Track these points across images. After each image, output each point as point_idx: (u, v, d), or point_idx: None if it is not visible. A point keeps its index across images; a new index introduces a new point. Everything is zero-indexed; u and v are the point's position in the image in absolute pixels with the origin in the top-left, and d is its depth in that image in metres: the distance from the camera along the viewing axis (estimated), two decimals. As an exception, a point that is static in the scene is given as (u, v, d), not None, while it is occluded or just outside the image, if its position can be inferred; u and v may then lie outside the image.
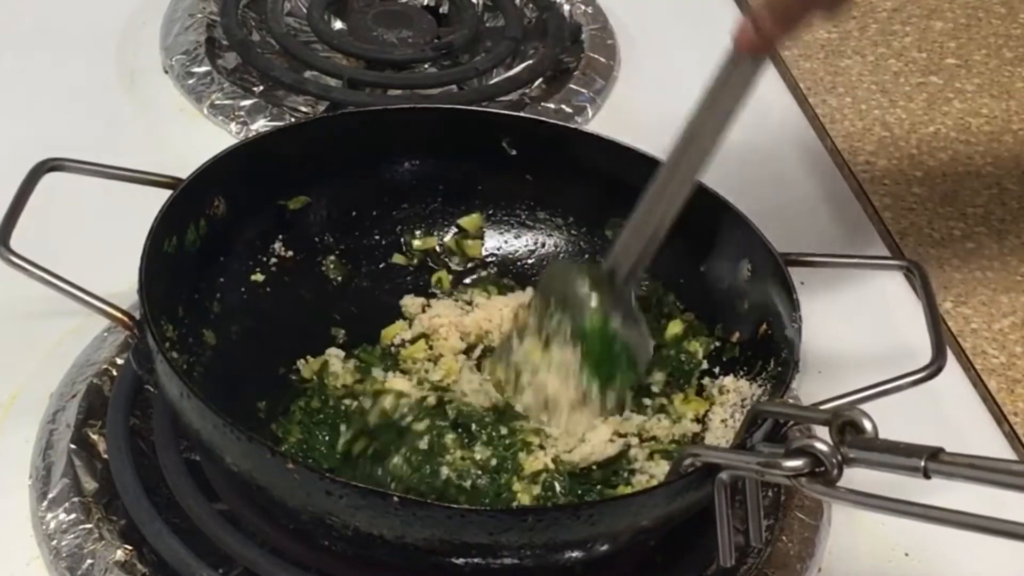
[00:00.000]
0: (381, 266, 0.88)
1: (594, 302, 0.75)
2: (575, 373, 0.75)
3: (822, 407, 0.67)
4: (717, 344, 0.81)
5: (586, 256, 0.88)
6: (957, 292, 0.98)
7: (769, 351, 0.76)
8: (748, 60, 0.68)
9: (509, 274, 0.89)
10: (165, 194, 0.75)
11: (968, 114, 1.17)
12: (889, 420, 0.59)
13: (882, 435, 0.56)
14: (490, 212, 0.90)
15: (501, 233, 0.90)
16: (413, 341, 0.83)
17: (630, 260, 0.76)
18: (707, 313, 0.82)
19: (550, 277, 0.80)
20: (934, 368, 0.72)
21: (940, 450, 0.51)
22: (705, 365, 0.81)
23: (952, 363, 0.74)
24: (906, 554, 0.79)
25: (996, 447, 0.87)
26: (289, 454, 0.72)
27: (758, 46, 0.67)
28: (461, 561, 0.62)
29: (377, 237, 0.88)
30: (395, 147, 0.87)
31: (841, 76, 1.21)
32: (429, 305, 0.86)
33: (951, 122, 1.16)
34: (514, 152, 0.87)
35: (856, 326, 0.94)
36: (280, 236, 0.85)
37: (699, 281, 0.83)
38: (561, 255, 0.89)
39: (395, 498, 0.60)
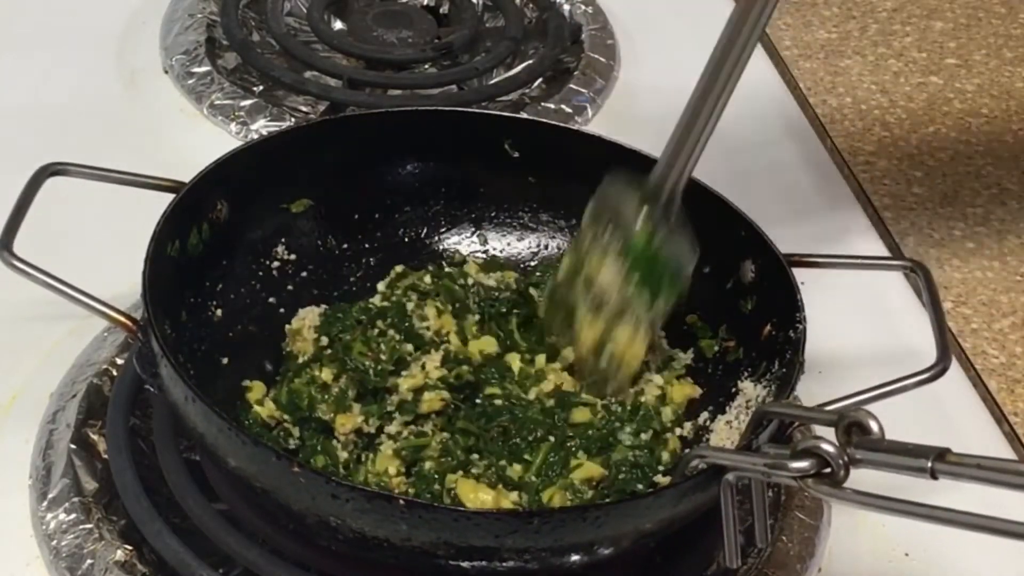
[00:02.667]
0: (384, 268, 0.88)
1: (641, 218, 0.76)
2: (624, 285, 0.76)
3: (827, 408, 0.67)
4: (721, 345, 0.81)
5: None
6: (957, 292, 0.98)
7: (773, 352, 0.76)
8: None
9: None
10: (167, 197, 0.75)
11: (968, 114, 1.17)
12: (889, 420, 0.58)
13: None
14: (492, 214, 0.90)
15: (504, 235, 0.90)
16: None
17: (675, 173, 0.76)
18: (711, 314, 0.82)
19: (601, 196, 0.80)
20: (939, 368, 0.72)
21: (947, 451, 0.51)
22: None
23: (952, 363, 0.74)
24: (906, 554, 0.79)
25: (996, 447, 0.87)
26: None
27: None
28: (467, 564, 0.62)
29: (380, 239, 0.88)
30: (397, 149, 0.87)
31: (841, 76, 1.21)
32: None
33: (951, 122, 1.16)
34: (516, 154, 0.87)
35: (857, 327, 0.94)
36: (283, 239, 0.85)
37: (703, 282, 0.82)
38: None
39: (401, 501, 0.60)
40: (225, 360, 0.78)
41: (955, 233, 1.03)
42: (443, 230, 0.90)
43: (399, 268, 0.86)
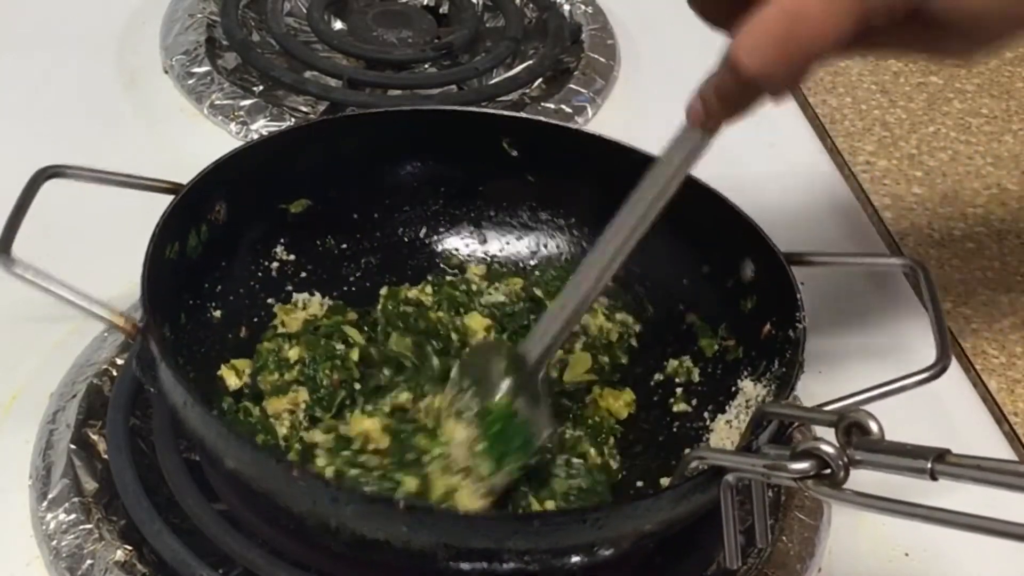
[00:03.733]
0: (384, 269, 0.88)
1: (504, 383, 0.73)
2: (470, 445, 0.72)
3: (827, 408, 0.67)
4: (721, 345, 0.81)
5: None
6: (957, 292, 0.98)
7: (773, 351, 0.75)
8: (699, 132, 0.68)
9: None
10: (166, 198, 0.75)
11: (968, 114, 1.17)
12: (889, 420, 0.58)
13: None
14: (491, 214, 0.90)
15: (503, 234, 0.90)
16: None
17: (542, 346, 0.73)
18: (711, 314, 0.82)
19: (472, 354, 0.79)
20: (939, 368, 0.72)
21: (947, 451, 0.51)
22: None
23: (952, 363, 0.74)
24: (906, 554, 0.79)
25: (996, 447, 0.87)
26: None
27: (707, 124, 0.67)
28: (467, 566, 0.62)
29: (379, 239, 0.88)
30: (396, 149, 0.87)
31: (841, 76, 1.21)
32: None
33: (951, 122, 1.16)
34: (515, 153, 0.87)
35: (856, 326, 0.94)
36: (282, 240, 0.84)
37: (702, 282, 0.82)
38: (564, 256, 0.89)
39: (401, 504, 0.60)
40: (224, 360, 0.78)
41: (955, 233, 1.03)
42: (442, 229, 0.90)
43: (384, 291, 0.85)
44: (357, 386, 0.78)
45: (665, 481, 0.74)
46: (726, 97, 0.65)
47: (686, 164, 0.69)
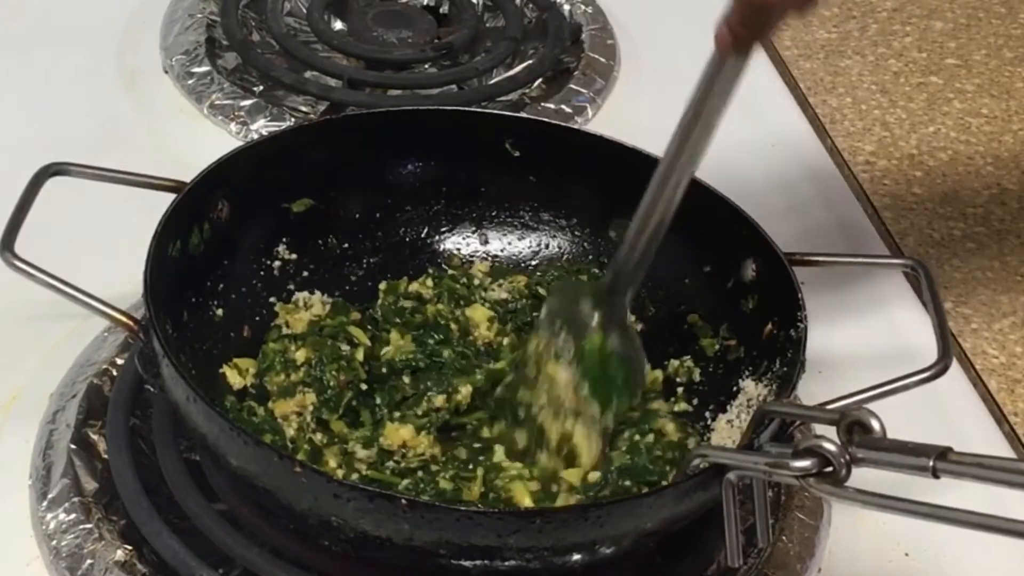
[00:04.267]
0: (385, 268, 0.88)
1: (594, 321, 0.75)
2: (576, 392, 0.75)
3: (829, 407, 0.67)
4: (722, 344, 0.81)
5: (590, 258, 0.88)
6: (957, 292, 0.98)
7: (774, 351, 0.76)
8: (731, 59, 0.69)
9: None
10: (168, 197, 0.75)
11: (968, 114, 1.17)
12: (889, 420, 0.58)
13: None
14: (493, 214, 0.90)
15: (505, 235, 0.90)
16: None
17: (625, 279, 0.76)
18: (712, 314, 0.82)
19: (554, 297, 0.80)
20: (940, 367, 0.72)
21: (949, 449, 0.51)
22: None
23: (952, 363, 0.74)
24: (906, 554, 0.79)
25: (996, 447, 0.87)
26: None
27: (735, 47, 0.69)
28: (468, 563, 0.62)
29: (381, 239, 0.88)
30: (398, 149, 0.87)
31: (841, 76, 1.21)
32: None
33: (951, 122, 1.16)
34: (517, 153, 0.87)
35: (856, 326, 0.94)
36: (284, 239, 0.85)
37: (704, 282, 0.82)
38: (565, 256, 0.89)
39: (403, 500, 0.60)
40: (226, 360, 0.78)
41: (955, 233, 1.03)
42: (444, 229, 0.90)
43: (383, 285, 0.85)
44: (363, 387, 0.78)
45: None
46: (745, 21, 0.67)
47: (724, 92, 0.70)
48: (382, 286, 0.85)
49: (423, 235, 0.89)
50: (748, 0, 0.67)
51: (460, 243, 0.90)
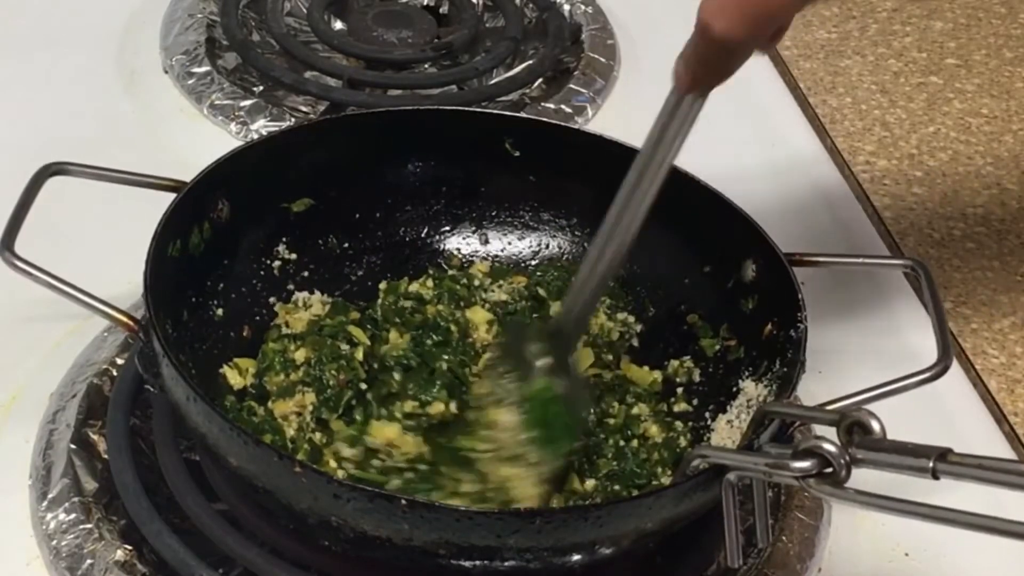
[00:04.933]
0: (385, 268, 0.88)
1: (539, 364, 0.74)
2: (516, 434, 0.73)
3: (829, 408, 0.67)
4: (722, 345, 0.81)
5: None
6: (957, 292, 0.98)
7: (774, 351, 0.76)
8: (688, 98, 0.69)
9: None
10: (168, 196, 0.75)
11: (968, 114, 1.17)
12: (889, 420, 0.58)
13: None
14: (493, 213, 0.90)
15: (505, 234, 0.90)
16: None
17: (574, 320, 0.75)
18: (712, 314, 0.82)
19: (501, 339, 0.80)
20: (940, 368, 0.72)
21: (949, 451, 0.51)
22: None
23: (952, 364, 0.74)
24: (906, 554, 0.79)
25: (996, 447, 0.87)
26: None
27: (692, 88, 0.68)
28: (468, 564, 0.62)
29: (381, 239, 0.88)
30: (398, 149, 0.87)
31: (841, 76, 1.21)
32: None
33: (951, 122, 1.16)
34: (517, 153, 0.87)
35: (857, 326, 0.94)
36: (284, 239, 0.85)
37: (704, 282, 0.82)
38: (565, 256, 0.89)
39: (403, 500, 0.60)
40: (225, 359, 0.78)
41: (955, 233, 1.04)
42: (444, 229, 0.90)
43: (383, 285, 0.85)
44: (363, 386, 0.78)
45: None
46: (705, 61, 0.66)
47: (682, 131, 0.70)
48: (382, 286, 0.86)
49: (423, 235, 0.89)
50: (710, 40, 0.64)
51: (460, 243, 0.90)
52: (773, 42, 0.68)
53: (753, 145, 1.11)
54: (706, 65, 0.66)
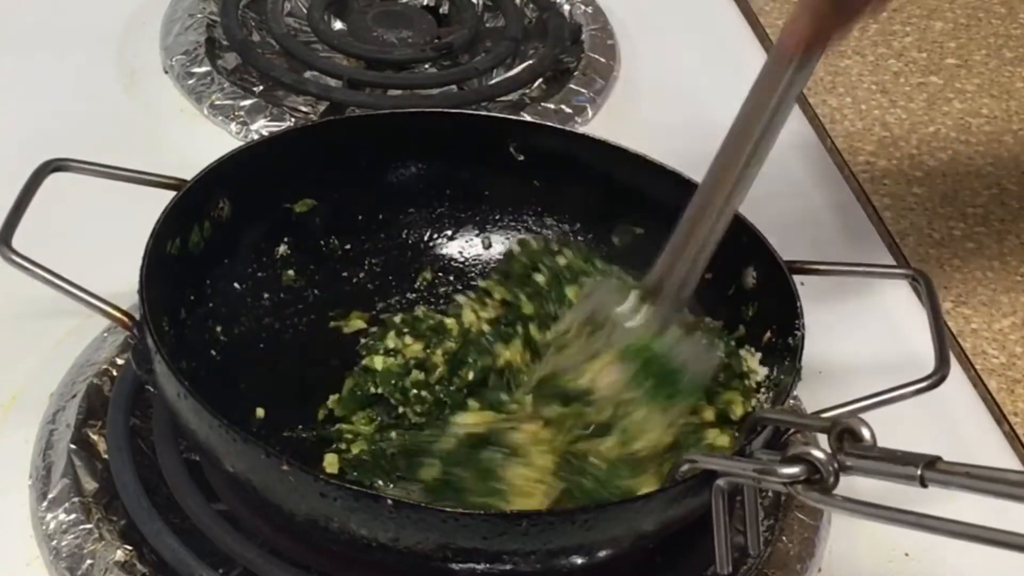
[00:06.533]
0: (387, 271, 0.88)
1: (641, 317, 0.73)
2: (630, 389, 0.72)
3: (824, 415, 0.67)
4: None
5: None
6: (957, 292, 0.98)
7: (773, 358, 0.76)
8: (793, 62, 0.67)
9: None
10: (169, 195, 0.75)
11: (968, 114, 1.17)
12: (888, 420, 0.59)
13: (881, 432, 0.56)
14: (496, 217, 0.90)
15: (508, 238, 0.90)
16: None
17: (683, 264, 0.73)
18: (712, 320, 0.82)
19: (590, 294, 0.77)
20: (937, 378, 0.72)
21: (937, 459, 0.51)
22: None
23: (952, 363, 0.74)
24: (906, 555, 0.79)
25: (996, 447, 0.87)
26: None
27: (800, 48, 0.66)
28: (457, 566, 0.62)
29: (383, 241, 0.88)
30: (402, 151, 0.87)
31: (841, 76, 1.21)
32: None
33: (951, 122, 1.16)
34: (521, 157, 0.87)
35: (858, 331, 0.94)
36: (285, 239, 0.85)
37: (704, 288, 0.82)
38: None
39: (389, 501, 0.60)
40: (223, 359, 0.78)
41: (955, 233, 1.03)
42: (447, 232, 0.90)
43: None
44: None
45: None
46: (820, 18, 0.64)
47: (786, 101, 0.68)
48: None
49: (425, 238, 0.89)
50: None
51: (463, 246, 0.90)
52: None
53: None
54: (821, 24, 0.64)
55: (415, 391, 0.77)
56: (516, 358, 0.78)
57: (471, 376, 0.77)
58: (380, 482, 0.71)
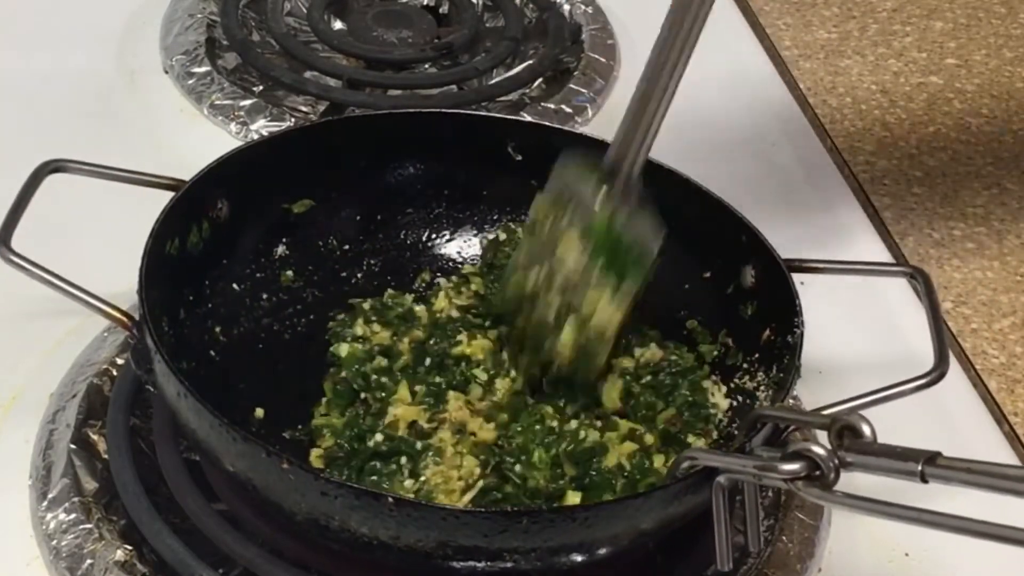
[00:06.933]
0: (385, 271, 0.88)
1: (600, 198, 0.74)
2: (588, 268, 0.74)
3: (824, 412, 0.67)
4: (721, 350, 0.81)
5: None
6: (957, 292, 0.98)
7: (772, 356, 0.76)
8: None
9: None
10: (167, 195, 0.76)
11: (968, 114, 1.17)
12: (888, 419, 0.58)
13: (881, 432, 0.56)
14: (495, 217, 0.90)
15: None
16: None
17: (632, 150, 0.74)
18: (711, 319, 0.82)
19: (557, 178, 0.78)
20: (936, 375, 0.72)
21: (937, 454, 0.51)
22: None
23: (952, 363, 0.74)
24: (906, 554, 0.79)
25: (996, 447, 0.87)
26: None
27: None
28: (458, 564, 0.62)
29: (382, 241, 0.88)
30: (400, 151, 0.87)
31: (841, 76, 1.21)
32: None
33: (951, 122, 1.16)
34: (519, 157, 0.87)
35: (858, 329, 0.94)
36: (284, 239, 0.85)
37: (703, 287, 0.82)
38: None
39: (390, 499, 0.60)
40: (223, 359, 0.78)
41: (955, 233, 1.04)
42: (445, 233, 0.90)
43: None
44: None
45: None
46: None
47: None
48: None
49: (424, 238, 0.89)
50: None
51: (461, 246, 0.90)
52: None
53: (753, 145, 1.11)
54: None
55: (375, 377, 0.78)
56: (477, 353, 0.79)
57: (428, 362, 0.79)
58: (354, 475, 0.73)
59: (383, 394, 0.77)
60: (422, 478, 0.72)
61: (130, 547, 0.70)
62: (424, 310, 0.83)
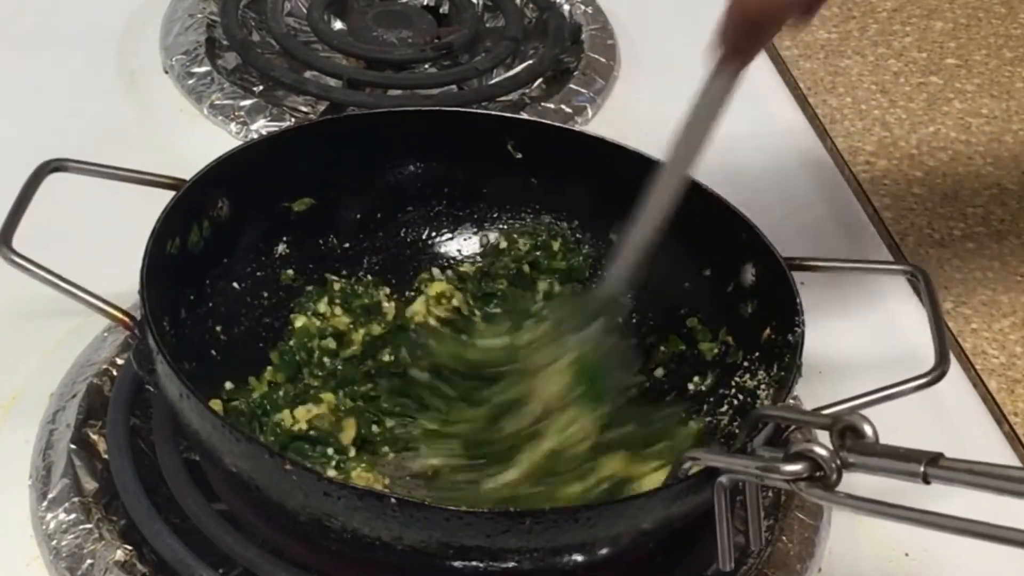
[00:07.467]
0: (386, 269, 0.88)
1: (596, 330, 0.75)
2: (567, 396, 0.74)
3: (825, 412, 0.67)
4: (721, 348, 0.81)
5: (590, 261, 0.88)
6: (957, 292, 0.98)
7: (772, 355, 0.76)
8: (725, 72, 0.70)
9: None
10: (168, 195, 0.75)
11: (968, 114, 1.17)
12: (889, 419, 0.58)
13: (881, 432, 0.56)
14: (495, 215, 0.90)
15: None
16: None
17: (622, 281, 0.76)
18: (712, 317, 0.82)
19: (555, 307, 0.81)
20: (937, 374, 0.72)
21: (940, 455, 0.51)
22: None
23: (952, 363, 0.74)
24: (906, 554, 0.79)
25: (996, 447, 0.87)
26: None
27: (729, 61, 0.69)
28: (460, 564, 0.62)
29: (382, 240, 0.88)
30: (400, 149, 0.87)
31: (841, 76, 1.21)
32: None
33: (951, 122, 1.16)
34: (519, 155, 0.87)
35: (858, 328, 0.94)
36: (284, 238, 0.84)
37: (704, 285, 0.82)
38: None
39: (392, 499, 0.60)
40: (224, 358, 0.78)
41: (955, 233, 1.04)
42: (445, 231, 0.90)
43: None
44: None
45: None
46: (741, 33, 0.69)
47: (718, 103, 0.71)
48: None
49: (424, 236, 0.89)
50: (740, 16, 0.67)
51: (461, 244, 0.90)
52: (809, 15, 0.70)
53: (753, 145, 1.11)
54: (739, 38, 0.68)
55: (319, 355, 0.79)
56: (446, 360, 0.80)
57: (386, 359, 0.81)
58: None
59: (321, 373, 0.79)
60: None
61: (130, 547, 0.70)
62: (392, 308, 0.84)
